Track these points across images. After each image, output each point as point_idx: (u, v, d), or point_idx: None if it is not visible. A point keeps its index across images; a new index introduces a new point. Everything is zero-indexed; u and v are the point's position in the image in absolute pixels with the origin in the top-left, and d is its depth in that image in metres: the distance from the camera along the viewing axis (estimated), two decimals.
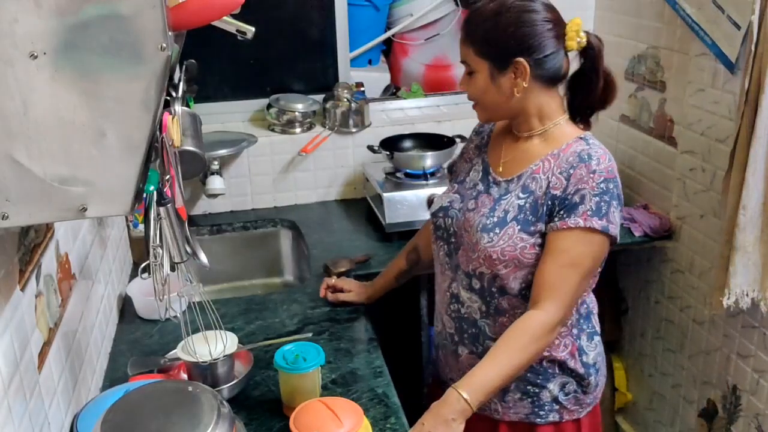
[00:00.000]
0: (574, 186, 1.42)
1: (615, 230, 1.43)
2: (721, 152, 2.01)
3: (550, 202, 1.44)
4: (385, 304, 1.97)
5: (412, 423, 1.46)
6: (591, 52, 1.47)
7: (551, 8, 1.46)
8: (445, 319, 1.63)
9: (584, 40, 1.45)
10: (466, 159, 1.67)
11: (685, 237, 2.26)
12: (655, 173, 2.38)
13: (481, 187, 1.57)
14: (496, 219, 1.49)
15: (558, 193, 1.43)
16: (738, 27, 1.87)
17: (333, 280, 1.94)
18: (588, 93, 1.49)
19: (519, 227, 1.46)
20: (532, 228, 1.45)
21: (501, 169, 1.55)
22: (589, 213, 1.40)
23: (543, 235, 1.45)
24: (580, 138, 1.48)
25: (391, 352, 1.79)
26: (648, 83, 2.36)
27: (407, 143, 2.55)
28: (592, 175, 1.41)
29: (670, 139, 2.28)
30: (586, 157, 1.43)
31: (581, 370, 1.55)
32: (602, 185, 1.41)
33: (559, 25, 1.45)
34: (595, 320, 1.61)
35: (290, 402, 1.47)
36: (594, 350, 1.57)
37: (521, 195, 1.48)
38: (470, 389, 1.37)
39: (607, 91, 1.50)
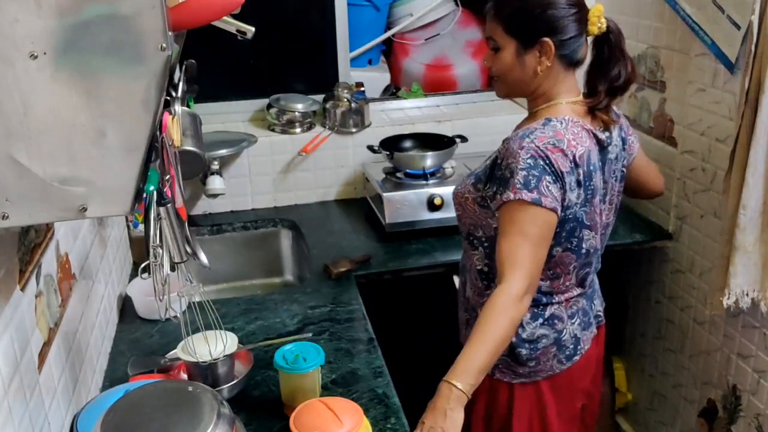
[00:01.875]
0: (505, 160, 1.50)
1: (550, 203, 1.46)
2: (721, 152, 2.01)
3: (494, 170, 1.54)
4: (385, 305, 1.97)
5: (411, 423, 1.47)
6: (612, 36, 1.54)
7: None
8: None
9: (604, 25, 1.52)
10: None
11: (685, 237, 2.26)
12: None
13: None
14: (473, 170, 1.67)
15: (498, 162, 1.54)
16: (738, 27, 1.87)
17: None
18: (617, 76, 1.55)
19: (472, 181, 1.62)
20: (478, 185, 1.59)
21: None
22: (518, 186, 1.46)
23: (481, 196, 1.57)
24: (547, 118, 1.54)
25: (391, 352, 1.79)
26: (648, 83, 2.36)
27: (407, 143, 2.55)
28: (519, 151, 1.48)
29: (670, 139, 2.28)
30: (527, 134, 1.50)
31: (512, 339, 1.61)
32: (529, 161, 1.46)
33: (582, 9, 1.52)
34: (553, 306, 1.65)
35: (290, 402, 1.47)
36: (534, 329, 1.64)
37: (492, 158, 1.60)
38: (459, 376, 1.39)
39: (632, 73, 1.57)
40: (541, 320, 1.64)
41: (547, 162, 1.46)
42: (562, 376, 1.69)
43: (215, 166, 2.40)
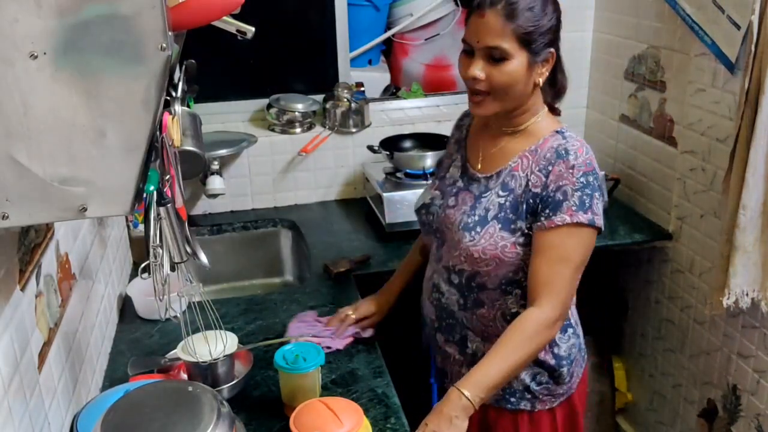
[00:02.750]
0: (555, 183, 1.43)
1: (600, 221, 1.44)
2: (721, 152, 2.01)
3: (531, 201, 1.46)
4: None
5: (412, 423, 1.47)
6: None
7: None
8: (427, 305, 1.69)
9: None
10: (448, 155, 1.69)
11: (685, 237, 2.26)
12: (655, 173, 2.38)
13: (461, 183, 1.59)
14: (477, 217, 1.50)
15: (538, 191, 1.45)
16: (738, 27, 1.87)
17: (352, 317, 1.77)
18: (560, 83, 1.53)
19: (500, 226, 1.48)
20: (513, 226, 1.47)
21: (480, 166, 1.57)
22: (573, 208, 1.41)
23: (524, 234, 1.47)
24: (557, 132, 1.50)
25: (391, 352, 1.79)
26: (648, 83, 2.36)
27: (407, 143, 2.55)
28: (571, 171, 1.43)
29: (670, 139, 2.28)
30: (563, 152, 1.45)
31: (552, 362, 1.56)
32: (582, 179, 1.42)
33: None
34: (572, 312, 1.62)
35: (290, 402, 1.47)
36: (567, 342, 1.58)
37: (501, 193, 1.50)
38: (470, 387, 1.38)
39: (566, 79, 1.55)
40: (571, 330, 1.60)
41: (595, 175, 1.45)
42: (583, 378, 1.66)
43: (215, 166, 2.40)
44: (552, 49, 1.46)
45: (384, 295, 1.84)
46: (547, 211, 1.43)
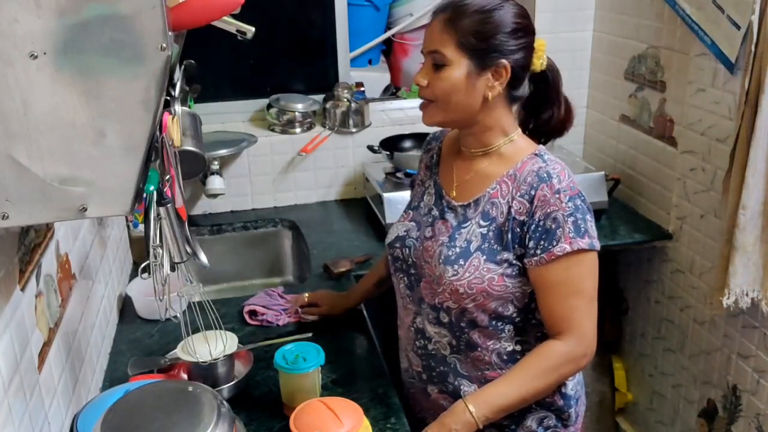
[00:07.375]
0: (542, 210, 1.33)
1: (597, 243, 1.36)
2: (721, 152, 2.01)
3: (517, 229, 1.36)
4: (385, 304, 1.97)
5: (412, 423, 1.47)
6: (551, 75, 1.42)
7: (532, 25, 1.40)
8: (411, 356, 1.55)
9: (545, 62, 1.40)
10: (419, 182, 1.59)
11: (685, 237, 2.26)
12: (655, 173, 2.38)
13: (435, 212, 1.48)
14: (458, 249, 1.39)
15: (524, 218, 1.35)
16: (738, 27, 1.87)
17: (305, 299, 1.86)
18: (549, 118, 1.45)
19: (484, 257, 1.37)
20: (498, 257, 1.37)
21: (455, 193, 1.46)
22: (571, 235, 1.32)
23: (511, 265, 1.37)
24: (535, 154, 1.40)
25: (390, 352, 1.79)
26: (648, 83, 2.36)
27: (407, 143, 2.55)
28: (557, 195, 1.33)
29: (670, 139, 2.28)
30: (545, 175, 1.35)
31: (560, 403, 1.46)
32: (570, 204, 1.33)
33: (533, 40, 1.39)
34: None
35: (290, 402, 1.47)
36: (573, 380, 1.47)
37: (482, 222, 1.40)
38: (478, 403, 1.34)
39: (567, 116, 1.46)
40: None
41: (582, 197, 1.35)
42: (582, 417, 1.56)
43: (215, 166, 2.40)
44: (504, 61, 1.33)
45: (343, 297, 1.87)
46: (543, 243, 1.33)
